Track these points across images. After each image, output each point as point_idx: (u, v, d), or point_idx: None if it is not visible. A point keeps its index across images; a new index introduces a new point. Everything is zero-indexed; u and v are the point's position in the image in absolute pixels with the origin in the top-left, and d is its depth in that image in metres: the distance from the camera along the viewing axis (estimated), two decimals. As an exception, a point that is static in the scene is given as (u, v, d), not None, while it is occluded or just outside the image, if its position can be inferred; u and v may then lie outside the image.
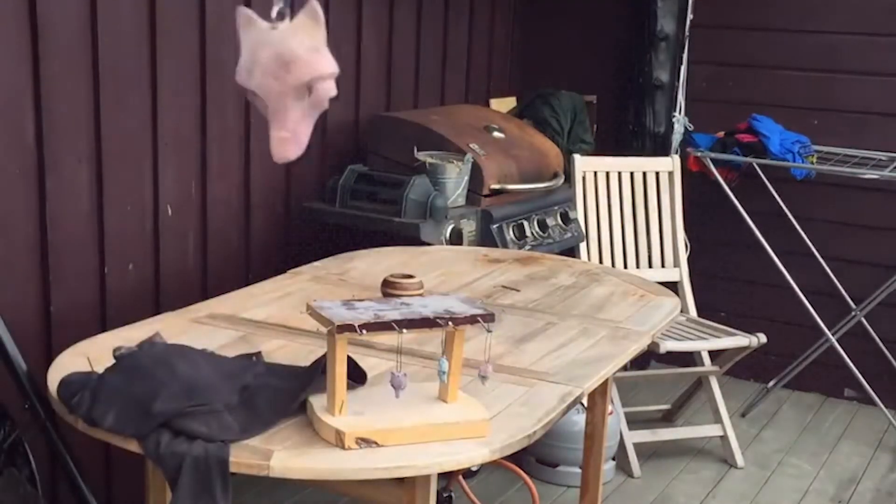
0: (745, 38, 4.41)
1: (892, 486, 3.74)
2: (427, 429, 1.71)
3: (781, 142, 4.09)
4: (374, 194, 3.37)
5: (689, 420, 4.09)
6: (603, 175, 3.99)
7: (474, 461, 1.77)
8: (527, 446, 1.82)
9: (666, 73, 4.31)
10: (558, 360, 2.17)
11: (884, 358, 4.27)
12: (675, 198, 4.05)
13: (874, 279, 4.24)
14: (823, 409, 4.40)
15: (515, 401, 1.92)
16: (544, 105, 4.18)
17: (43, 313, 2.66)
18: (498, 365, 2.04)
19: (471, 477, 3.44)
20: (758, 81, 4.40)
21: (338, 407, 1.68)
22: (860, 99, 4.25)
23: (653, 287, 2.80)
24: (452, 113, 3.86)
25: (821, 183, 4.20)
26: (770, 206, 4.24)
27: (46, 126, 2.57)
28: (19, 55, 2.52)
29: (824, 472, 3.81)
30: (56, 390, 1.83)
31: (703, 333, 3.71)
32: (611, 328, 2.41)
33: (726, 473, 3.77)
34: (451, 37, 4.24)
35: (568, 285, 2.77)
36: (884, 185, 4.14)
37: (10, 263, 2.56)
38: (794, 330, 4.33)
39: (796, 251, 4.24)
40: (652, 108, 4.32)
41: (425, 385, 1.87)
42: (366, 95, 3.79)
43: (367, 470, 1.65)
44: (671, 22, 4.28)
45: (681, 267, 4.05)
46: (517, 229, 3.48)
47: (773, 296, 4.37)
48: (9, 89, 2.51)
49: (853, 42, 4.23)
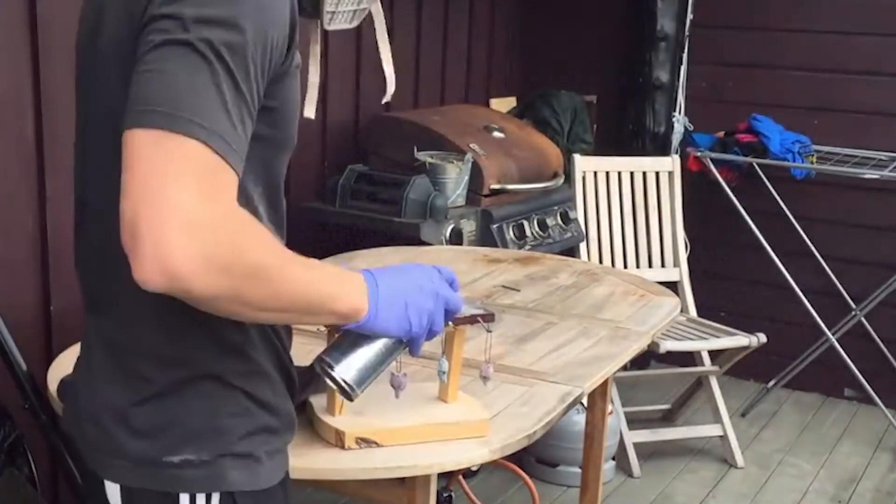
0: (745, 38, 4.41)
1: (892, 486, 3.74)
2: (427, 429, 1.71)
3: (781, 142, 4.09)
4: (374, 194, 3.37)
5: (689, 420, 4.09)
6: (603, 175, 3.99)
7: (474, 461, 1.77)
8: (527, 446, 1.82)
9: (666, 73, 4.31)
10: (558, 360, 2.17)
11: (884, 358, 4.28)
12: (675, 198, 4.05)
13: (874, 279, 4.24)
14: (823, 409, 4.40)
15: (515, 401, 1.92)
16: (544, 105, 4.18)
17: (43, 313, 2.66)
18: (498, 365, 2.04)
19: (471, 477, 3.44)
20: (758, 81, 4.40)
21: (338, 407, 1.68)
22: (860, 99, 4.25)
23: (653, 287, 2.80)
24: (452, 113, 3.86)
25: (821, 183, 4.20)
26: (770, 206, 4.24)
27: (46, 126, 2.57)
28: (19, 55, 2.52)
29: (824, 472, 3.81)
30: (56, 390, 1.83)
31: (703, 333, 3.71)
32: (611, 328, 2.40)
33: (726, 473, 3.77)
34: (451, 37, 4.24)
35: (568, 285, 2.77)
36: (884, 185, 4.14)
37: (10, 263, 2.56)
38: (794, 330, 4.33)
39: (796, 251, 4.24)
40: (652, 108, 4.32)
41: (425, 385, 1.87)
42: (366, 95, 3.79)
43: (367, 470, 1.65)
44: (671, 22, 4.28)
45: (681, 267, 4.05)
46: (517, 229, 3.48)
47: (773, 296, 4.37)
48: (9, 89, 2.51)
49: (853, 42, 4.23)
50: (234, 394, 1.25)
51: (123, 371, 1.25)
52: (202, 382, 1.24)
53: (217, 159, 1.06)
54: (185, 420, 1.23)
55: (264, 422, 1.29)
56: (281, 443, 1.33)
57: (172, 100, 1.05)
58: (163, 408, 1.23)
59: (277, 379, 1.32)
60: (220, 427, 1.24)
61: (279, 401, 1.32)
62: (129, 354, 1.25)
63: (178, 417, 1.23)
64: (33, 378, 2.32)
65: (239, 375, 1.25)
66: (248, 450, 1.26)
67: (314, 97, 1.49)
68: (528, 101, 4.32)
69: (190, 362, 1.23)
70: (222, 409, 1.24)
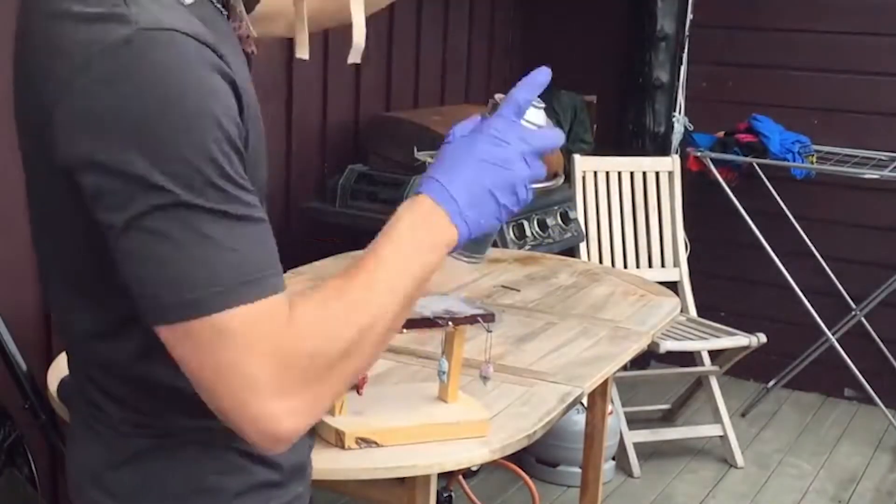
0: (745, 38, 4.41)
1: (892, 486, 3.73)
2: (427, 429, 1.71)
3: (781, 142, 4.09)
4: (374, 194, 3.37)
5: (689, 420, 4.09)
6: (603, 175, 3.99)
7: (474, 461, 1.78)
8: (527, 446, 1.82)
9: (666, 73, 4.31)
10: (558, 360, 2.17)
11: (884, 358, 4.27)
12: (675, 198, 4.05)
13: (874, 279, 4.23)
14: (823, 409, 4.40)
15: (515, 401, 1.92)
16: (544, 105, 4.18)
17: (43, 313, 2.66)
18: (498, 365, 2.04)
19: (471, 477, 3.44)
20: (758, 81, 4.40)
21: (338, 407, 1.68)
22: (860, 99, 4.25)
23: (653, 287, 2.80)
24: (452, 113, 3.86)
25: (821, 183, 4.20)
26: (770, 206, 4.24)
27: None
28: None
29: (824, 472, 3.81)
30: (56, 390, 1.83)
31: (703, 333, 3.71)
32: (611, 328, 2.40)
33: (726, 473, 3.77)
34: (451, 37, 4.24)
35: (568, 285, 2.77)
36: (884, 185, 4.14)
37: (10, 263, 2.56)
38: (794, 330, 4.33)
39: (796, 251, 4.24)
40: (652, 108, 4.32)
41: (425, 385, 1.87)
42: (366, 95, 3.79)
43: (367, 470, 1.65)
44: (671, 22, 4.28)
45: (681, 267, 4.05)
46: (517, 229, 3.48)
47: (773, 296, 4.37)
48: (9, 89, 2.51)
49: (853, 42, 4.23)
50: (220, 451, 1.10)
51: (98, 430, 1.13)
52: (184, 442, 1.10)
53: (254, 306, 0.94)
54: (166, 482, 1.10)
55: (262, 477, 1.12)
56: (288, 496, 1.16)
57: (176, 282, 0.93)
58: (140, 470, 1.10)
59: None
60: (208, 487, 1.10)
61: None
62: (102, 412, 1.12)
63: (158, 480, 1.10)
64: (33, 378, 2.32)
65: (224, 432, 1.04)
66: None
67: (305, 40, 1.30)
68: (527, 101, 4.31)
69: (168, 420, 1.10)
70: (208, 467, 1.09)
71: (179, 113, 0.90)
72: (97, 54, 0.90)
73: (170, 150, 0.90)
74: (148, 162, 0.89)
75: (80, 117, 0.91)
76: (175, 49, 0.91)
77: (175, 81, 0.90)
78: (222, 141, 0.92)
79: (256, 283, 0.94)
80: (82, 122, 0.91)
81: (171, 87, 0.90)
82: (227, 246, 0.92)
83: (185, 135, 0.90)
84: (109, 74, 0.90)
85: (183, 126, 0.90)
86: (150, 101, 0.89)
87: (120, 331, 1.04)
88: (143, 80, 0.90)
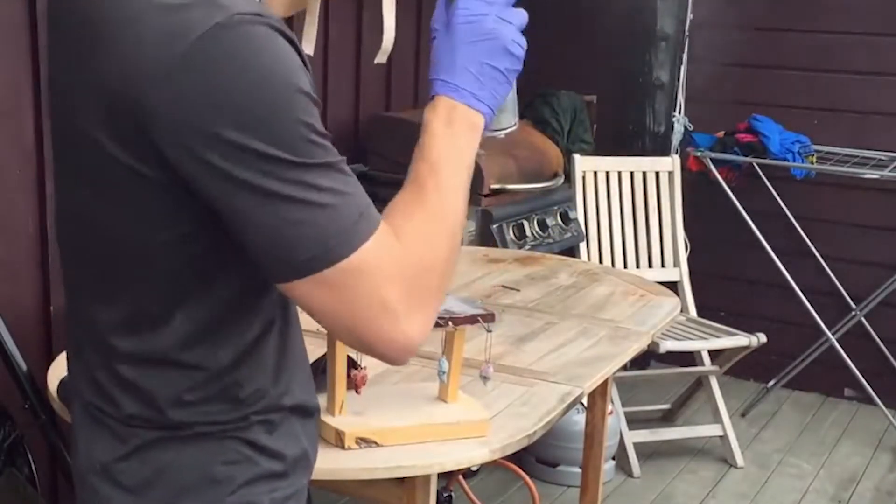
0: (745, 38, 4.41)
1: (892, 486, 3.74)
2: (427, 429, 1.71)
3: (781, 142, 4.09)
4: (374, 194, 3.34)
5: (689, 420, 4.09)
6: (603, 175, 3.99)
7: (474, 461, 1.78)
8: (527, 446, 1.82)
9: (666, 72, 4.31)
10: (558, 360, 2.17)
11: (884, 358, 4.27)
12: (675, 198, 4.05)
13: (874, 279, 4.23)
14: (823, 408, 4.40)
15: (515, 401, 1.92)
16: (544, 105, 4.17)
17: (43, 313, 2.66)
18: (498, 365, 2.04)
19: (471, 477, 3.44)
20: (758, 81, 4.40)
21: (338, 407, 1.68)
22: (860, 99, 4.25)
23: (653, 287, 2.80)
24: (452, 113, 3.86)
25: (821, 183, 4.20)
26: (770, 206, 4.24)
27: (46, 126, 2.57)
28: (19, 55, 2.52)
29: (824, 472, 3.81)
30: (56, 390, 1.83)
31: (703, 333, 3.71)
32: (611, 328, 2.41)
33: (726, 473, 3.77)
34: (451, 37, 4.23)
35: (568, 285, 2.77)
36: (884, 185, 4.14)
37: (10, 263, 2.56)
38: (794, 330, 4.33)
39: (796, 251, 4.24)
40: (652, 108, 4.32)
41: (425, 385, 1.87)
42: (366, 95, 3.79)
43: (367, 470, 1.65)
44: (671, 21, 4.28)
45: (681, 267, 4.05)
46: (517, 229, 3.48)
47: (773, 296, 4.37)
48: (9, 89, 2.51)
49: (853, 42, 4.23)
50: (228, 442, 1.13)
51: (106, 423, 1.16)
52: (193, 434, 1.13)
53: (372, 239, 1.05)
54: (175, 472, 1.13)
55: (267, 468, 1.16)
56: (291, 487, 1.19)
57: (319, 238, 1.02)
58: (149, 461, 1.13)
59: (277, 419, 1.18)
60: (216, 477, 1.13)
61: (283, 443, 1.18)
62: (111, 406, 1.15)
63: (167, 470, 1.13)
64: (33, 378, 2.32)
65: (232, 423, 1.13)
66: (250, 499, 1.15)
67: (313, 35, 1.35)
68: (527, 101, 4.31)
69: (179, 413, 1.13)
70: (216, 458, 1.13)
71: (280, 84, 0.99)
72: (196, 40, 0.96)
73: (274, 119, 0.98)
74: (259, 134, 0.97)
75: (190, 99, 0.96)
76: (263, 29, 0.99)
77: (269, 57, 0.99)
78: (309, 103, 1.02)
79: (367, 217, 1.06)
80: (191, 104, 0.96)
81: (269, 64, 0.98)
82: (341, 191, 1.04)
83: (285, 104, 0.99)
84: (214, 56, 0.96)
85: (284, 97, 0.99)
86: (256, 77, 0.97)
87: (158, 321, 1.09)
88: (246, 60, 0.97)
